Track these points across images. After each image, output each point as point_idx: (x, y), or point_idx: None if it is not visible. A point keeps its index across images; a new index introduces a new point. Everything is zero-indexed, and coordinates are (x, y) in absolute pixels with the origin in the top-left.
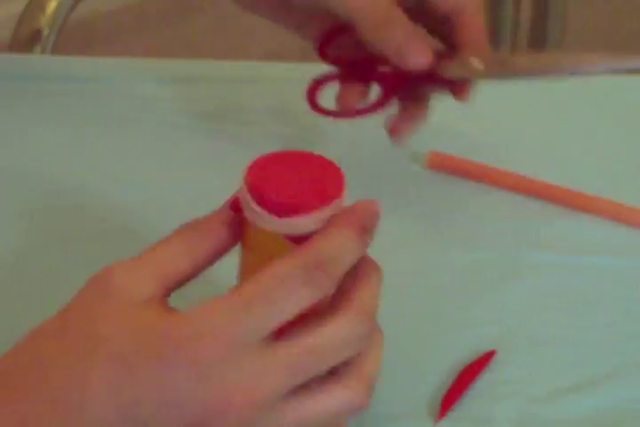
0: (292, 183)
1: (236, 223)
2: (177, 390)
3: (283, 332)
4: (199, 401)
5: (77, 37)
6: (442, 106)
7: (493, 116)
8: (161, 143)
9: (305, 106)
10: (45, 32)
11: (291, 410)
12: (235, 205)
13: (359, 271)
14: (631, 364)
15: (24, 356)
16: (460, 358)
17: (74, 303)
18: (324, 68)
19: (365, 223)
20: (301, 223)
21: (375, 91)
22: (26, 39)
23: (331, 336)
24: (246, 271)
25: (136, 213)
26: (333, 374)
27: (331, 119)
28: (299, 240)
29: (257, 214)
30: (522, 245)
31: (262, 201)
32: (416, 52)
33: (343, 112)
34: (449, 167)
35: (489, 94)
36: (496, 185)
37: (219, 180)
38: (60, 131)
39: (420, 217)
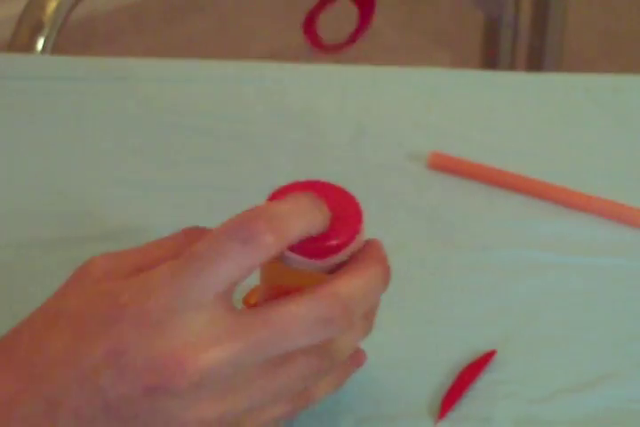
0: None
1: None
2: (128, 350)
3: None
4: (149, 360)
5: (77, 37)
6: (442, 106)
7: (493, 116)
8: (161, 143)
9: (305, 105)
10: (45, 32)
11: (258, 377)
12: None
13: (352, 264)
14: (631, 364)
15: (4, 338)
16: (460, 358)
17: (56, 290)
18: (323, 68)
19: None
20: (328, 262)
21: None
22: (26, 39)
23: (291, 313)
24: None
25: (136, 212)
26: None
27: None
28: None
29: (292, 260)
30: (522, 245)
31: (294, 248)
32: None
33: (339, 45)
34: (449, 167)
35: (489, 94)
36: (496, 185)
37: (219, 180)
38: (59, 131)
39: (421, 217)
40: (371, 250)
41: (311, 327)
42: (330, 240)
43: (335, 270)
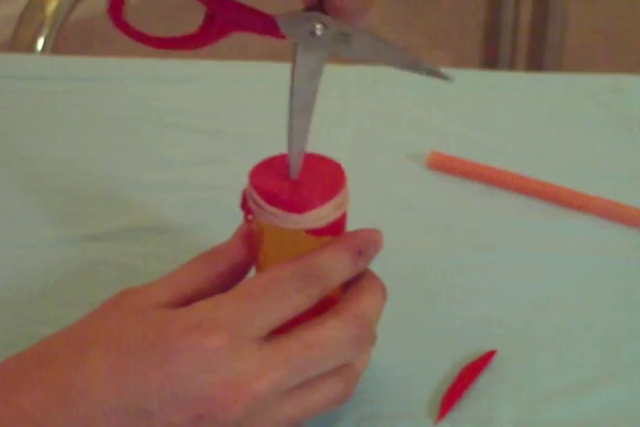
0: (296, 181)
1: (250, 237)
2: (182, 377)
3: (281, 332)
4: (204, 390)
5: (77, 37)
6: (442, 106)
7: (493, 116)
8: (161, 143)
9: None
10: (45, 32)
11: (290, 403)
12: (245, 207)
13: (364, 284)
14: (631, 364)
15: (29, 354)
16: (460, 358)
17: (87, 315)
18: None
19: (362, 248)
20: (313, 217)
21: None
22: (26, 39)
23: (327, 335)
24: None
25: (136, 212)
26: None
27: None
28: (318, 234)
29: (271, 214)
30: (522, 245)
31: (273, 201)
32: None
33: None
34: (449, 167)
35: (489, 94)
36: (496, 185)
37: (219, 179)
38: (59, 130)
39: (421, 217)
40: (345, 235)
41: (347, 347)
42: (313, 196)
43: (325, 233)
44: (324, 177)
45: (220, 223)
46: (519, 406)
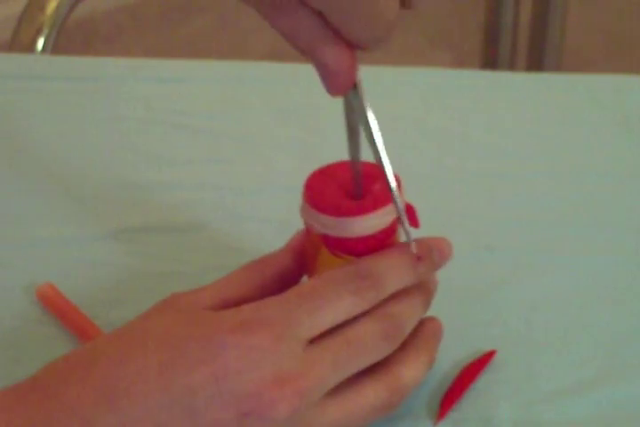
0: (346, 193)
1: (302, 251)
2: (228, 375)
3: None
4: (250, 387)
5: (77, 37)
6: (442, 106)
7: (493, 116)
8: (161, 143)
9: (306, 105)
10: (45, 32)
11: (333, 405)
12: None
13: (410, 289)
14: (631, 364)
15: (78, 352)
16: (460, 358)
17: (135, 318)
18: None
19: (422, 254)
20: (362, 224)
21: None
22: (26, 39)
23: (362, 329)
24: None
25: (136, 212)
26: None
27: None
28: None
29: (317, 220)
30: (522, 245)
31: (322, 209)
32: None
33: None
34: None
35: (489, 94)
36: None
37: (219, 180)
38: (60, 131)
39: (421, 217)
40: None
41: (379, 341)
42: (360, 205)
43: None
44: (373, 189)
45: (220, 223)
46: (519, 406)
